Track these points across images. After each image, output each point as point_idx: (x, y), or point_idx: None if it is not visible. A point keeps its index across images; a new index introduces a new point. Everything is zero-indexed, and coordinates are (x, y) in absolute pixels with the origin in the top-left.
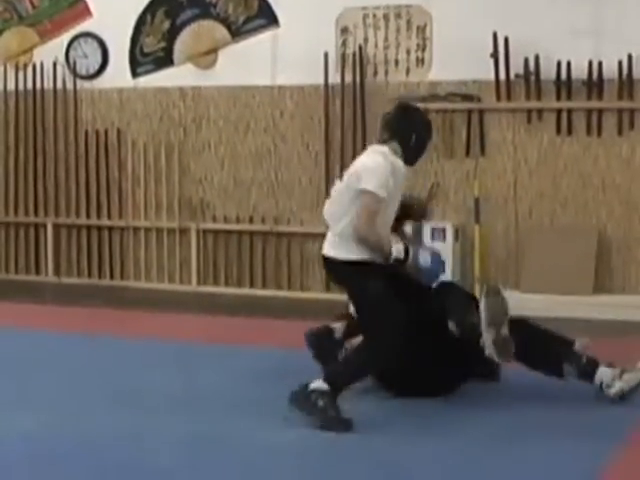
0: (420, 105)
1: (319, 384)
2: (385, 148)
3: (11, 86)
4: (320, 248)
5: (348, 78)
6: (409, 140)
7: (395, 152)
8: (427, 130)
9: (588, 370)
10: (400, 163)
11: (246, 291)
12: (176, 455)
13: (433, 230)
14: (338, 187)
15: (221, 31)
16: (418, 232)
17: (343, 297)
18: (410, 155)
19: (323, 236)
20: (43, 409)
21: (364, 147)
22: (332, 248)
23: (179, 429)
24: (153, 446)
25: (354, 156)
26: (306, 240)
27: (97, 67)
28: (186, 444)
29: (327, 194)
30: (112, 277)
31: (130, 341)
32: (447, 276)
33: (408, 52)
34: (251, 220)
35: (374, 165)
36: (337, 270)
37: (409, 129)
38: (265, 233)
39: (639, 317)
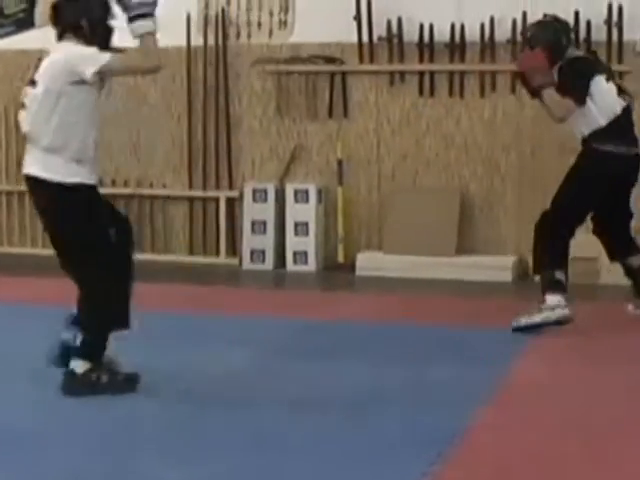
0: (283, 67)
1: (79, 363)
2: None
3: None
4: (183, 211)
5: (211, 40)
6: None
7: None
8: None
9: None
10: None
11: None
12: (29, 422)
13: (296, 192)
14: None
15: None
16: None
17: (206, 260)
18: None
19: (186, 199)
20: None
21: (227, 109)
22: None
23: (29, 395)
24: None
25: (217, 118)
26: (169, 203)
27: None
28: (40, 411)
29: (190, 156)
30: None
31: None
32: (310, 238)
33: (271, 14)
34: (113, 183)
35: None
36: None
37: None
38: (128, 196)
39: (501, 278)
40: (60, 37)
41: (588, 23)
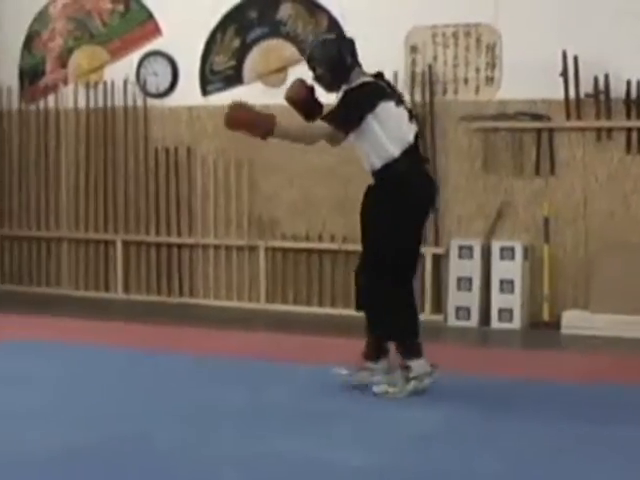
0: (489, 124)
1: None
2: None
3: (82, 104)
4: None
5: (417, 97)
6: None
7: None
8: None
9: None
10: None
11: (315, 309)
12: (235, 473)
13: (502, 249)
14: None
15: (290, 49)
16: None
17: None
18: None
19: None
20: (109, 426)
21: (434, 165)
22: None
23: (241, 446)
24: (213, 462)
25: None
26: None
27: (167, 85)
28: (246, 462)
29: None
30: (181, 294)
31: (198, 358)
32: (516, 296)
33: (477, 71)
34: (320, 238)
35: None
36: None
37: None
38: (334, 251)
39: None
40: None
41: None
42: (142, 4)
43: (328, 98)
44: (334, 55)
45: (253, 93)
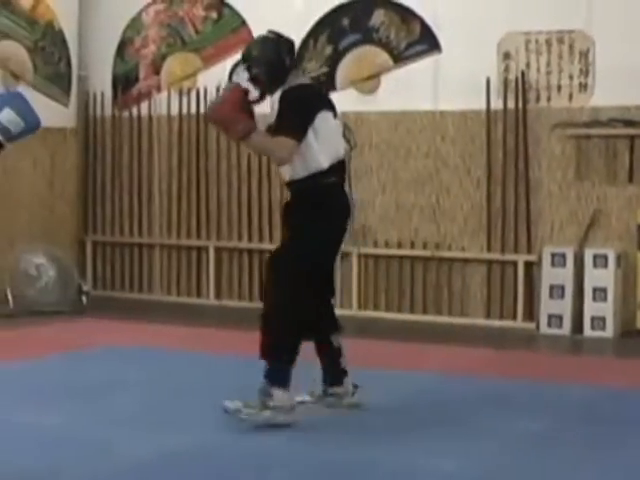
0: (582, 131)
1: None
2: None
3: (175, 111)
4: (480, 274)
5: (510, 103)
6: None
7: None
8: None
9: None
10: None
11: (406, 316)
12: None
13: (595, 256)
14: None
15: (383, 56)
16: None
17: (503, 323)
18: None
19: (484, 262)
20: (200, 431)
21: (526, 173)
22: None
23: (333, 452)
24: (305, 468)
25: (516, 181)
26: (467, 266)
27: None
28: (341, 468)
29: (489, 220)
30: None
31: None
32: (609, 304)
33: (571, 77)
34: (412, 245)
35: None
36: None
37: None
38: (426, 258)
39: None
40: None
41: None
42: (235, 11)
43: None
44: (272, 55)
45: (346, 100)
